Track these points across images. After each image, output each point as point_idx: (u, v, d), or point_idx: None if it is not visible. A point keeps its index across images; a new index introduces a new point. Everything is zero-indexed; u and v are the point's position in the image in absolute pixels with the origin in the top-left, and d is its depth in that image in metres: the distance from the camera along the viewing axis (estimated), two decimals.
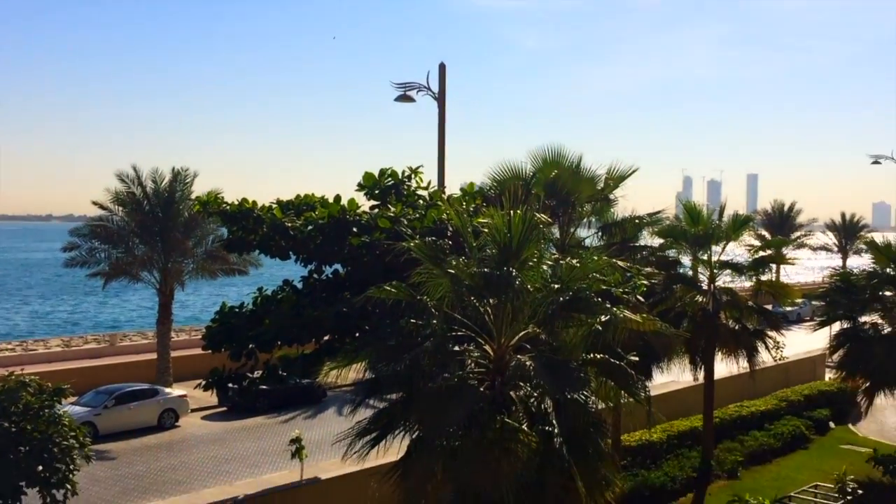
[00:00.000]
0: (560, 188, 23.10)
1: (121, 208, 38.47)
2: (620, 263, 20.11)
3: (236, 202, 23.61)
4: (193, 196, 35.47)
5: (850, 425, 36.82)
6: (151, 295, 42.79)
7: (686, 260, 29.69)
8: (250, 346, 22.56)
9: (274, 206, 23.58)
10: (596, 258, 15.69)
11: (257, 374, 24.72)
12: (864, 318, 29.08)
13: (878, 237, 39.68)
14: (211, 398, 34.67)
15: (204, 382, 24.15)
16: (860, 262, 47.28)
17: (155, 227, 38.19)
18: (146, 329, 57.27)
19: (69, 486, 16.12)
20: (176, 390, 34.26)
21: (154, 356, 39.54)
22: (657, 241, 27.83)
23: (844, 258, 77.21)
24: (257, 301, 23.34)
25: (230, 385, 24.24)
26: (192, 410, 34.00)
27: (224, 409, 35.36)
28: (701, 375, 29.15)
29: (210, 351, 23.73)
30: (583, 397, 13.38)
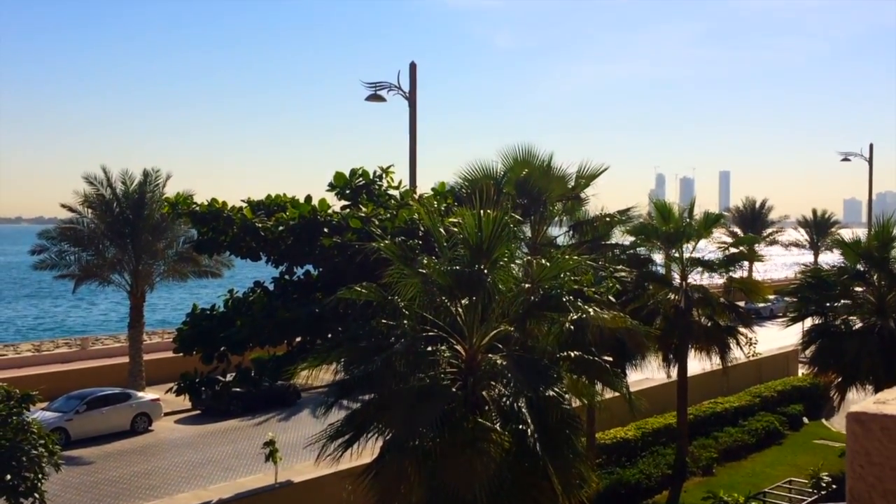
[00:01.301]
0: (531, 187, 23.08)
1: (90, 210, 38.05)
2: (592, 263, 20.17)
3: (206, 203, 23.42)
4: (164, 198, 35.19)
5: (823, 420, 37.13)
6: (122, 298, 42.34)
7: (658, 258, 29.84)
8: (222, 348, 22.36)
9: (244, 206, 23.41)
10: (567, 257, 15.69)
11: (230, 376, 24.53)
12: (834, 314, 29.31)
13: (849, 233, 40.06)
14: (184, 402, 34.36)
15: (176, 387, 23.91)
16: (831, 258, 47.69)
17: (125, 230, 37.77)
18: (118, 332, 56.73)
19: (38, 496, 15.88)
20: (149, 394, 33.91)
21: (126, 360, 39.11)
22: (629, 240, 27.92)
23: (816, 254, 77.83)
24: (228, 303, 23.15)
25: (203, 388, 24.01)
26: (166, 414, 33.67)
27: (197, 412, 35.04)
28: (674, 372, 29.29)
29: (182, 354, 23.52)
30: (556, 395, 13.36)
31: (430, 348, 14.45)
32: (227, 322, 22.16)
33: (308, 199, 23.69)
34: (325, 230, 22.13)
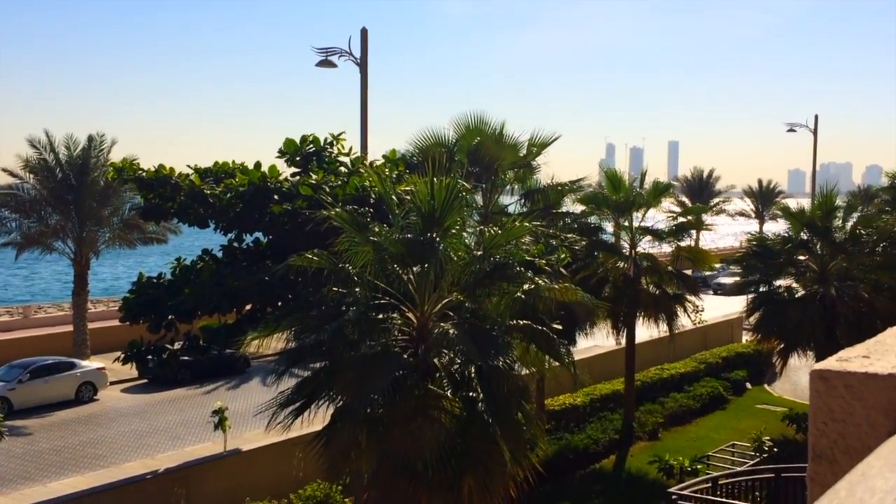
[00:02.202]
0: (483, 155, 23.04)
1: (32, 176, 37.12)
2: (543, 231, 20.25)
3: (153, 169, 22.96)
4: (110, 163, 34.42)
5: (765, 385, 37.96)
6: (67, 266, 41.53)
7: (608, 226, 30.10)
8: (170, 317, 22.06)
9: (192, 173, 23.00)
10: (518, 225, 15.72)
11: (178, 345, 24.26)
12: (778, 282, 29.88)
13: (793, 203, 40.74)
14: (131, 370, 33.92)
15: (122, 356, 23.58)
16: (776, 227, 48.53)
17: (69, 196, 36.94)
18: (62, 301, 55.75)
19: None
20: (94, 363, 33.47)
21: (70, 328, 38.48)
22: (580, 208, 28.09)
23: (761, 224, 79.18)
24: (176, 271, 22.80)
25: (150, 357, 23.71)
26: (111, 383, 33.28)
27: (144, 381, 34.69)
28: (623, 340, 29.67)
29: (128, 323, 23.17)
30: (506, 363, 13.43)
31: (381, 316, 14.41)
32: (175, 290, 21.83)
33: (258, 165, 23.34)
34: (275, 197, 21.84)
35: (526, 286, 14.27)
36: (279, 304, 20.99)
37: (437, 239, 13.88)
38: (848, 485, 1.16)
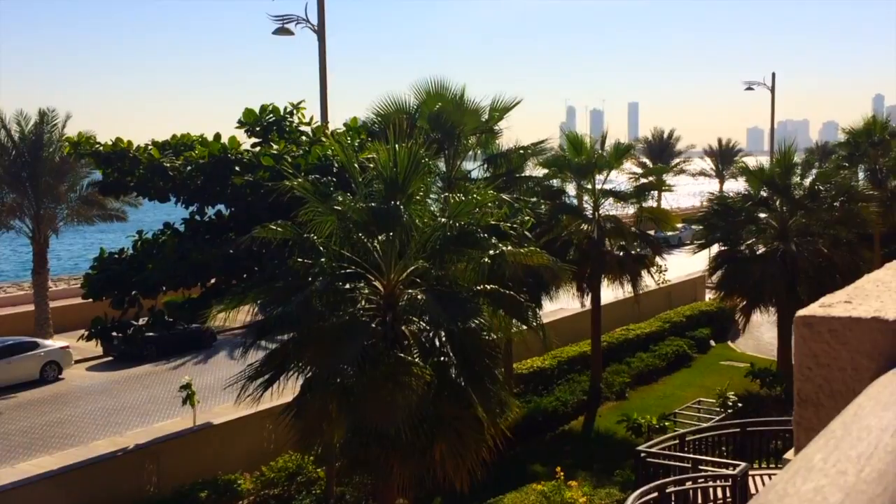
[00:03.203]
0: (445, 121, 22.94)
1: None
2: (506, 197, 20.26)
3: (110, 143, 22.55)
4: (65, 138, 33.76)
5: (729, 342, 38.53)
6: (25, 244, 40.85)
7: (571, 189, 30.19)
8: (133, 292, 21.79)
9: (151, 146, 22.64)
10: (482, 191, 15.71)
11: (143, 321, 24.02)
12: (740, 240, 30.24)
13: (752, 161, 41.17)
14: (95, 348, 33.55)
15: (86, 333, 23.28)
16: (736, 185, 49.00)
17: (23, 173, 36.27)
18: (21, 280, 54.93)
19: None
20: (57, 342, 33.07)
21: (31, 308, 37.95)
22: (542, 172, 28.12)
23: (721, 183, 79.89)
24: (137, 246, 22.49)
25: (115, 334, 23.43)
26: (76, 362, 32.93)
27: (110, 358, 34.36)
28: (588, 301, 29.89)
29: (91, 299, 22.87)
30: (475, 326, 13.48)
31: (348, 285, 14.38)
32: (138, 265, 21.53)
33: (217, 137, 23.00)
34: (237, 169, 21.57)
35: (492, 251, 14.30)
36: (244, 276, 20.82)
37: (402, 206, 13.83)
38: (842, 425, 1.17)
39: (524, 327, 16.22)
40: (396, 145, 14.19)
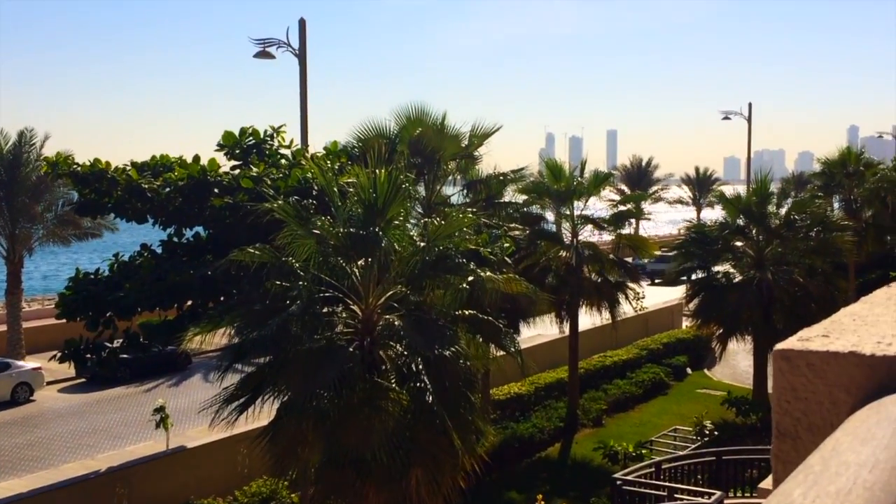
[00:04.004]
0: (425, 146, 23.01)
1: None
2: (486, 221, 20.32)
3: (88, 163, 22.45)
4: (43, 158, 33.56)
5: (705, 370, 38.64)
6: None
7: (550, 215, 30.32)
8: (108, 313, 21.60)
9: (129, 167, 22.55)
10: (461, 216, 15.74)
11: (117, 342, 23.80)
12: (717, 268, 30.45)
13: (729, 190, 41.55)
14: (68, 370, 33.16)
15: (59, 354, 23.02)
16: (713, 214, 49.36)
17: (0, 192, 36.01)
18: None
19: None
20: (29, 363, 32.68)
21: (4, 328, 37.52)
22: (521, 198, 28.24)
23: (698, 211, 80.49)
24: (114, 267, 22.33)
25: (88, 356, 23.16)
26: (48, 383, 32.54)
27: (82, 380, 33.98)
28: (566, 328, 29.94)
29: (65, 320, 22.64)
30: (453, 353, 13.44)
31: (326, 309, 14.32)
32: (114, 286, 21.35)
33: (196, 158, 22.93)
34: (216, 191, 21.51)
35: (470, 277, 14.30)
36: (221, 298, 20.70)
37: (381, 231, 13.83)
38: (821, 459, 1.18)
39: (501, 353, 16.21)
40: (376, 170, 14.21)
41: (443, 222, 14.93)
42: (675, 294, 43.45)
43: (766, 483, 2.23)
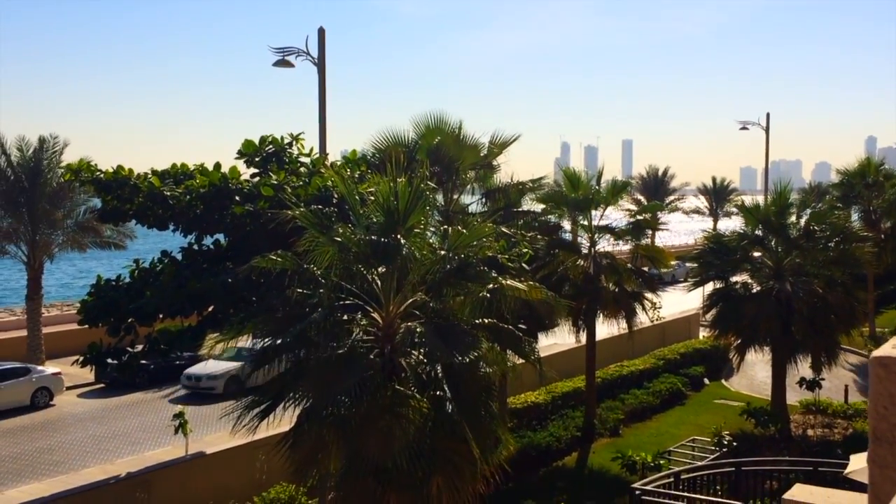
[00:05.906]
0: (443, 155, 23.10)
1: None
2: (505, 230, 20.37)
3: (111, 170, 22.65)
4: (63, 165, 33.86)
5: (723, 381, 38.49)
6: (19, 270, 40.79)
7: (567, 225, 30.31)
8: (130, 320, 21.75)
9: (151, 175, 22.72)
10: (482, 224, 15.79)
11: (138, 348, 23.95)
12: (734, 278, 30.32)
13: (746, 200, 41.38)
14: (88, 375, 33.44)
15: (81, 358, 23.19)
16: (730, 224, 49.18)
17: (21, 198, 36.35)
18: (14, 305, 54.73)
19: None
20: (49, 368, 32.94)
21: (24, 333, 37.84)
22: (539, 207, 28.26)
23: (715, 220, 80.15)
24: (134, 274, 22.49)
25: (109, 360, 23.35)
26: (68, 388, 32.79)
27: (101, 385, 34.23)
28: (583, 337, 29.91)
29: (87, 326, 22.81)
30: (473, 361, 13.48)
31: (346, 317, 14.38)
32: (135, 293, 21.52)
33: (217, 166, 23.09)
34: (237, 198, 21.64)
35: (491, 285, 14.35)
36: (243, 305, 20.81)
37: (401, 239, 13.89)
38: None
39: (520, 361, 16.23)
40: (397, 178, 14.29)
41: (464, 231, 14.98)
42: (693, 303, 43.27)
43: (793, 493, 2.24)
